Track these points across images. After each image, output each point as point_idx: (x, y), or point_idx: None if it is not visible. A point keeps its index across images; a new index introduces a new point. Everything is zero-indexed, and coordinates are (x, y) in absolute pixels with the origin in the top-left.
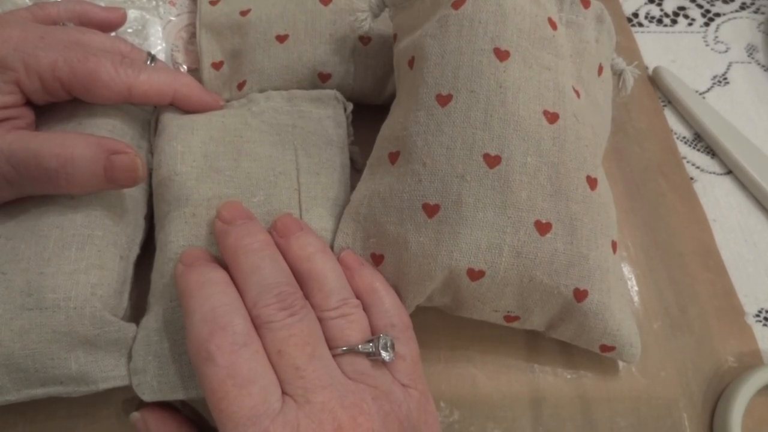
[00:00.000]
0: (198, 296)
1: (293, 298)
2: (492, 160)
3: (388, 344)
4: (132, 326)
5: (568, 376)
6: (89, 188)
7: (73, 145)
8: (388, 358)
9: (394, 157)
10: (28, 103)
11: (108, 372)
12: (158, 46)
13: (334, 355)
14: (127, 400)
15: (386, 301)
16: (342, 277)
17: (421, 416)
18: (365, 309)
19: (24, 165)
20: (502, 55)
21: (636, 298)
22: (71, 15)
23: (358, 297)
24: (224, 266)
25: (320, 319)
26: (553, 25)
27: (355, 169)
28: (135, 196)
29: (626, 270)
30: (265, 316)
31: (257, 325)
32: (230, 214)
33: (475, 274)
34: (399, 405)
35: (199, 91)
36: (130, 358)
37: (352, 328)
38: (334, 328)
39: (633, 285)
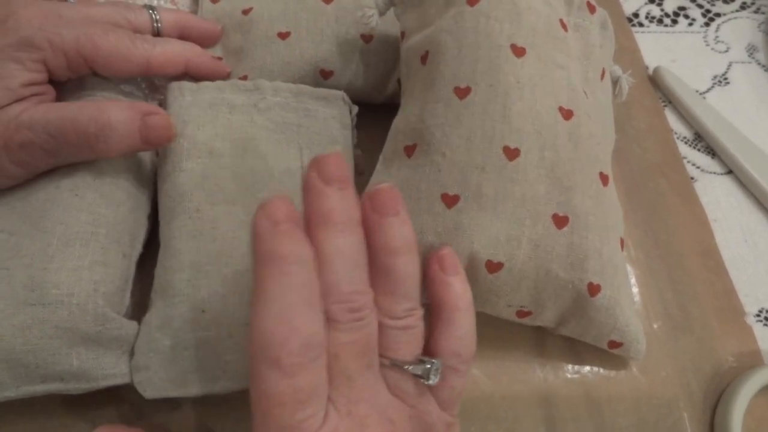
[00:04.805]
0: (281, 282)
1: (364, 300)
2: (511, 153)
3: (439, 370)
4: (134, 324)
5: (569, 376)
6: (125, 149)
7: (108, 109)
8: (432, 382)
9: (410, 150)
10: (51, 80)
11: (109, 369)
12: None
13: (381, 364)
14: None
15: (464, 326)
16: (418, 283)
17: None
18: (436, 323)
19: (62, 132)
20: (518, 51)
21: (636, 298)
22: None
23: (435, 306)
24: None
25: (380, 323)
26: (564, 27)
27: (357, 172)
28: (138, 194)
29: (627, 270)
30: (333, 313)
31: None
32: (331, 171)
33: (493, 266)
34: (431, 426)
35: (209, 59)
36: (131, 355)
37: (408, 342)
38: (391, 338)
39: (633, 285)
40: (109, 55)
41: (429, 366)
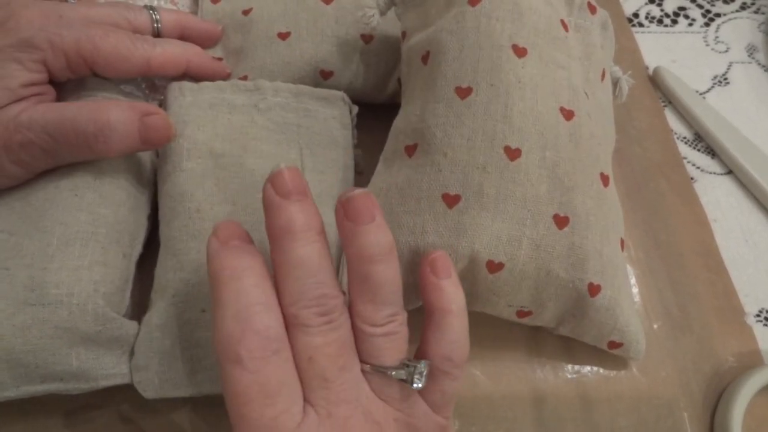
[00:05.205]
0: (232, 288)
1: (334, 303)
2: (513, 153)
3: (424, 372)
4: (134, 324)
5: (569, 376)
6: (125, 149)
7: (108, 109)
8: (417, 386)
9: (411, 150)
10: (51, 81)
11: (109, 369)
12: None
13: (363, 370)
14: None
15: (456, 330)
16: (399, 288)
17: None
18: (427, 326)
19: (61, 132)
20: (520, 51)
21: (636, 298)
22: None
23: (427, 310)
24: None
25: (361, 331)
26: (565, 27)
27: (357, 171)
28: (138, 195)
29: (628, 270)
30: (303, 318)
31: (291, 324)
32: (287, 185)
33: (494, 267)
34: (418, 429)
35: (209, 60)
36: (131, 355)
37: (391, 348)
38: (373, 345)
39: (633, 285)
40: (109, 55)
41: (413, 369)
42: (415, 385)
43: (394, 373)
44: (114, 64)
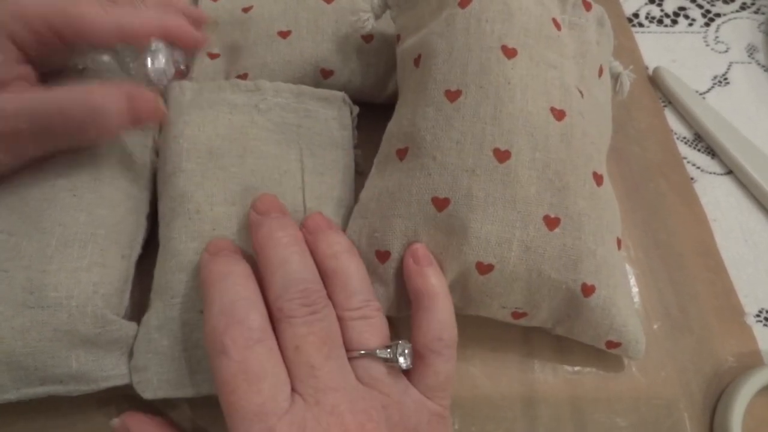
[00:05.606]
0: (219, 287)
1: (317, 296)
2: (502, 155)
3: (406, 351)
4: (133, 325)
5: (568, 376)
6: (115, 131)
7: (94, 92)
8: (404, 365)
9: (402, 153)
10: (29, 62)
11: (108, 371)
12: (159, 43)
13: (350, 358)
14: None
15: (443, 310)
16: (366, 280)
17: (431, 431)
18: (416, 313)
19: (49, 120)
20: (509, 52)
21: (636, 299)
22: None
23: (415, 297)
24: (249, 259)
25: (340, 319)
26: (557, 26)
27: (358, 172)
28: (137, 195)
29: (626, 270)
30: (288, 310)
31: (278, 319)
32: (265, 206)
33: (484, 268)
34: (409, 416)
35: (187, 27)
36: (130, 356)
37: (371, 332)
38: (353, 330)
39: (633, 285)
40: (78, 23)
41: (395, 348)
42: (401, 364)
43: (378, 352)
44: (83, 32)
